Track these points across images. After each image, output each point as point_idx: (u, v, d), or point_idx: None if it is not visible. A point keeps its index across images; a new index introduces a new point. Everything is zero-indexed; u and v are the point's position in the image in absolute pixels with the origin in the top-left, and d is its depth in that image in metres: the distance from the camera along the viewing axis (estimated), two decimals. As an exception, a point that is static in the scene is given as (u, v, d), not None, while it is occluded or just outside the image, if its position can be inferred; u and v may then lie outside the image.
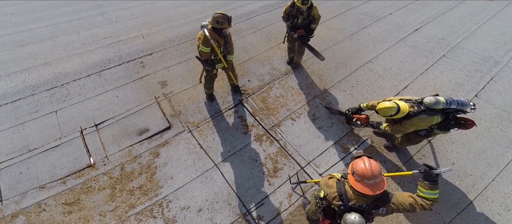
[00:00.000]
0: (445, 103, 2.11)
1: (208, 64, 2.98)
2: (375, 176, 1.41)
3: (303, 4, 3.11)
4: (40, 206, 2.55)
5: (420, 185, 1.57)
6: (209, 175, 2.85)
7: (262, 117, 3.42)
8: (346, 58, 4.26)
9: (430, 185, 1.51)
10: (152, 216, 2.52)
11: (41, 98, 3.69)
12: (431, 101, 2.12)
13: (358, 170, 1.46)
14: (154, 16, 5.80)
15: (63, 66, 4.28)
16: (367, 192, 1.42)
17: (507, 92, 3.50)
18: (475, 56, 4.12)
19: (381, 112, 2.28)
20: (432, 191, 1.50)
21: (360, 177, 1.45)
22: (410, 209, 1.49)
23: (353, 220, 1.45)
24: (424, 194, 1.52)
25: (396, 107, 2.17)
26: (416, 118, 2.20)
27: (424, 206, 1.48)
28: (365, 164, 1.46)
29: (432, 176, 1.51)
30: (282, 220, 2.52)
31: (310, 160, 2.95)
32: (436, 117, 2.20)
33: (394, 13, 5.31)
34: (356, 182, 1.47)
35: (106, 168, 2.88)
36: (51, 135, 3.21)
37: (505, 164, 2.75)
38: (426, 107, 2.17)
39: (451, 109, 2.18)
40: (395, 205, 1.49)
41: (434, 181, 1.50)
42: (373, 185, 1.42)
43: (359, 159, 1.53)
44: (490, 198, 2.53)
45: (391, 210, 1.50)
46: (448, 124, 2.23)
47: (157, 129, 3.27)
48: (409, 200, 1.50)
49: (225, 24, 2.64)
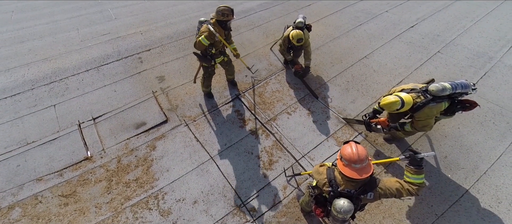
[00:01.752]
0: (451, 89, 2.04)
1: (206, 60, 3.00)
2: (361, 160, 1.45)
3: (298, 43, 3.33)
4: (36, 198, 2.58)
5: (406, 170, 1.60)
6: (205, 167, 2.88)
7: (258, 111, 3.46)
8: (342, 54, 4.30)
9: (416, 170, 1.54)
10: (147, 208, 2.55)
11: (40, 93, 3.73)
12: (437, 89, 2.04)
13: (345, 155, 1.50)
14: (153, 13, 5.85)
15: (62, 61, 4.32)
16: (354, 176, 1.45)
17: (500, 87, 3.54)
18: (469, 52, 4.16)
19: (386, 108, 2.21)
20: (417, 175, 1.53)
21: (347, 161, 1.48)
22: (397, 194, 1.53)
23: (342, 205, 1.48)
24: (410, 179, 1.56)
25: (400, 101, 2.09)
26: (427, 108, 2.09)
27: (411, 191, 1.51)
28: (352, 149, 1.49)
29: (416, 161, 1.54)
30: (277, 212, 2.55)
31: (305, 153, 2.99)
32: (444, 103, 2.13)
33: (390, 11, 5.35)
34: (344, 167, 1.50)
35: (103, 160, 2.91)
36: (49, 128, 3.24)
37: (497, 157, 2.78)
38: (433, 96, 2.09)
39: (457, 94, 2.12)
40: (382, 190, 1.52)
41: (419, 165, 1.53)
42: (360, 169, 1.45)
43: (347, 144, 1.57)
44: (481, 190, 2.56)
45: (378, 195, 1.53)
46: (454, 108, 2.17)
47: (154, 122, 3.31)
48: (396, 185, 1.53)
49: (230, 15, 2.75)
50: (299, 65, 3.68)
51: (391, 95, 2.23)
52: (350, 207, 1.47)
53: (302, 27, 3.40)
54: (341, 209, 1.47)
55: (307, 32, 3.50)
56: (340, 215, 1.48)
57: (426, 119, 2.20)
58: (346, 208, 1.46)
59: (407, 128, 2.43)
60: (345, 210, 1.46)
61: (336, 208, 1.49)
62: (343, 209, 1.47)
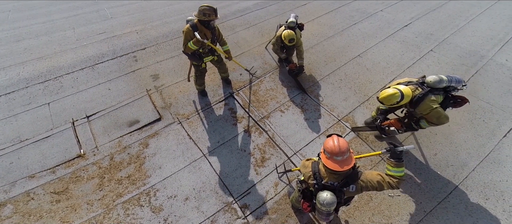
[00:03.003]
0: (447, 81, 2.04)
1: (195, 58, 2.99)
2: (342, 152, 1.47)
3: (290, 43, 3.33)
4: (28, 195, 2.60)
5: (387, 163, 1.63)
6: (197, 164, 2.90)
7: (252, 109, 3.48)
8: (336, 53, 4.33)
9: (396, 163, 1.57)
10: (139, 204, 2.57)
11: (35, 91, 3.74)
12: (435, 80, 2.03)
13: (327, 147, 1.53)
14: (149, 12, 5.87)
15: (57, 60, 4.34)
16: (336, 168, 1.48)
17: (491, 85, 3.57)
18: (462, 50, 4.20)
19: (386, 101, 2.16)
20: (398, 168, 1.56)
21: (329, 154, 1.51)
22: (378, 187, 1.55)
23: (324, 197, 1.51)
24: (391, 172, 1.58)
25: (399, 93, 2.06)
26: (428, 99, 2.07)
27: (391, 184, 1.53)
28: (333, 141, 1.52)
29: (396, 154, 1.57)
30: (268, 209, 2.57)
31: (297, 150, 3.01)
32: (440, 96, 2.12)
33: (385, 10, 5.38)
34: (327, 159, 1.53)
35: (95, 158, 2.93)
36: (43, 126, 3.26)
37: (486, 154, 2.81)
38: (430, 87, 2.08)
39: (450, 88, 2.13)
40: (363, 182, 1.55)
41: (398, 158, 1.56)
42: (342, 161, 1.48)
43: (329, 137, 1.60)
44: (470, 187, 2.58)
45: (360, 188, 1.56)
46: (448, 102, 2.16)
47: (147, 120, 3.33)
48: (377, 178, 1.56)
49: (212, 15, 2.65)
50: (293, 64, 3.72)
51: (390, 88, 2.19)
52: (333, 200, 1.50)
53: (294, 27, 3.42)
54: (324, 201, 1.50)
55: (299, 32, 3.52)
56: (323, 207, 1.51)
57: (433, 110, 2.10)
58: (329, 200, 1.49)
59: (424, 125, 2.32)
60: (328, 202, 1.49)
61: (320, 201, 1.52)
62: (326, 201, 1.49)
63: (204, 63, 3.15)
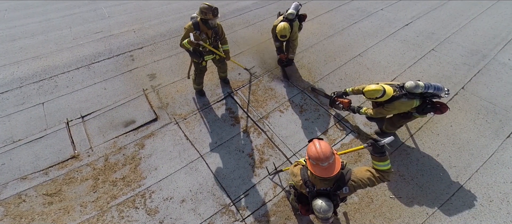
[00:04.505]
0: (424, 88, 2.25)
1: (196, 56, 2.95)
2: (327, 157, 1.40)
3: (281, 38, 3.29)
4: (20, 197, 2.53)
5: (372, 158, 1.60)
6: (194, 166, 2.83)
7: (250, 109, 3.42)
8: (336, 52, 4.27)
9: (379, 157, 1.53)
10: (134, 206, 2.50)
11: (29, 91, 3.67)
12: (411, 85, 2.26)
13: (311, 155, 1.45)
14: (146, 11, 5.80)
15: (52, 59, 4.27)
16: (324, 175, 1.42)
17: (493, 85, 3.51)
18: (464, 50, 4.14)
19: (368, 94, 2.38)
20: (383, 162, 1.53)
21: (315, 161, 1.43)
22: (369, 183, 1.53)
23: (320, 205, 1.48)
24: (377, 166, 1.56)
25: (382, 90, 2.29)
26: (398, 101, 2.33)
27: (382, 178, 1.53)
28: (316, 148, 1.44)
29: (378, 148, 1.53)
30: (266, 211, 2.50)
31: (296, 151, 2.94)
32: (415, 101, 2.32)
33: (385, 9, 5.33)
34: (313, 167, 1.46)
35: (90, 159, 2.86)
36: (37, 126, 3.19)
37: (489, 155, 2.75)
38: (407, 91, 2.30)
39: (428, 94, 2.32)
40: (355, 182, 1.52)
41: (381, 152, 1.53)
42: (328, 167, 1.41)
43: (311, 142, 1.52)
44: (473, 189, 2.52)
45: (353, 188, 1.53)
46: (425, 107, 2.36)
47: (143, 120, 3.26)
48: (367, 175, 1.54)
49: (209, 15, 2.61)
50: (284, 54, 3.62)
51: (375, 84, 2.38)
52: (329, 206, 1.47)
53: (293, 19, 3.26)
54: (320, 210, 1.47)
55: (297, 24, 3.34)
56: (320, 215, 1.49)
57: (392, 110, 2.42)
58: (325, 208, 1.47)
59: (362, 112, 2.72)
60: (324, 209, 1.47)
61: (316, 209, 1.50)
62: (322, 209, 1.47)
63: (205, 61, 3.09)
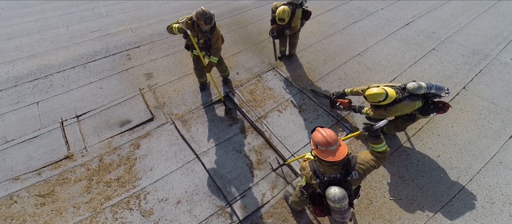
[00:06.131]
0: (426, 88, 2.19)
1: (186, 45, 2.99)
2: (334, 140, 1.49)
3: (279, 21, 3.19)
4: (11, 198, 2.47)
5: (369, 142, 1.69)
6: (190, 166, 2.78)
7: (248, 108, 3.37)
8: (335, 52, 4.22)
9: (375, 140, 1.62)
10: (128, 208, 2.45)
11: (23, 90, 3.62)
12: (414, 87, 2.20)
13: (319, 141, 1.51)
14: (144, 10, 5.75)
15: (48, 58, 4.22)
16: (333, 159, 1.47)
17: (495, 85, 3.46)
18: (465, 49, 4.09)
19: (370, 98, 2.32)
20: (379, 144, 1.62)
21: (324, 147, 1.49)
22: (376, 164, 1.58)
23: (334, 193, 1.44)
24: (375, 148, 1.64)
25: (384, 93, 2.22)
26: (400, 104, 2.27)
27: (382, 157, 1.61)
28: (322, 134, 1.52)
29: (373, 132, 1.62)
30: (264, 213, 2.45)
31: (295, 151, 2.89)
32: (417, 102, 2.27)
33: (385, 8, 5.28)
34: (322, 153, 1.51)
35: (84, 159, 2.81)
36: (30, 126, 3.13)
37: (491, 156, 2.70)
38: (409, 93, 2.24)
39: (430, 94, 2.26)
40: (363, 164, 1.55)
41: (377, 135, 1.62)
42: (336, 150, 1.49)
43: (314, 131, 1.60)
44: (474, 191, 2.47)
45: (363, 172, 1.54)
46: (428, 108, 2.31)
47: (139, 120, 3.21)
48: (370, 156, 1.61)
49: (200, 21, 2.53)
50: (276, 26, 3.40)
51: (377, 87, 2.31)
52: (343, 193, 1.43)
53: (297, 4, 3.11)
54: (335, 197, 1.42)
55: (299, 12, 3.16)
56: (337, 204, 1.44)
57: (394, 112, 2.36)
58: (339, 195, 1.42)
59: (363, 112, 2.67)
60: (339, 197, 1.42)
61: (331, 198, 1.45)
62: (337, 197, 1.42)
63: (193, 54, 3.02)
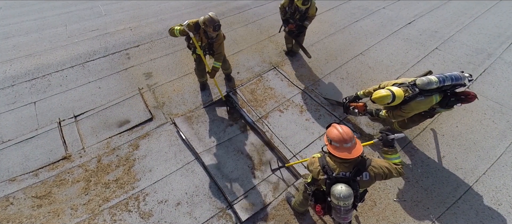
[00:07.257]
0: (438, 82, 2.04)
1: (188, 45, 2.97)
2: (350, 137, 1.46)
3: (304, 4, 3.02)
4: (7, 200, 2.42)
5: (383, 152, 1.65)
6: (190, 167, 2.73)
7: (249, 108, 3.31)
8: (337, 51, 4.17)
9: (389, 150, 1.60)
10: (127, 209, 2.40)
11: (21, 89, 3.57)
12: (423, 83, 2.06)
13: (334, 137, 1.49)
14: (144, 10, 5.70)
15: (46, 57, 4.16)
16: (347, 156, 1.44)
17: (500, 84, 3.41)
18: (468, 48, 4.04)
19: (377, 101, 2.21)
20: (393, 155, 1.60)
21: (338, 143, 1.47)
22: (388, 173, 1.53)
23: (340, 190, 1.39)
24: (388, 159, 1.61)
25: (391, 95, 2.09)
26: (414, 102, 2.13)
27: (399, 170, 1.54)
28: (338, 130, 1.50)
29: (388, 142, 1.59)
30: (265, 215, 2.40)
31: (297, 152, 2.84)
32: (434, 97, 2.11)
33: (387, 7, 5.23)
34: (335, 149, 1.48)
35: (82, 160, 2.76)
36: (27, 126, 3.08)
37: (497, 157, 2.65)
38: (421, 90, 2.09)
39: (447, 86, 2.09)
40: (376, 168, 1.50)
41: (391, 146, 1.59)
42: (351, 148, 1.45)
43: (330, 127, 1.58)
44: (481, 192, 2.42)
45: (374, 175, 1.50)
46: (449, 101, 2.14)
47: (138, 120, 3.15)
48: (385, 164, 1.54)
49: (209, 28, 2.58)
50: (292, 24, 3.38)
51: (383, 89, 2.21)
52: (349, 191, 1.39)
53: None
54: (340, 194, 1.38)
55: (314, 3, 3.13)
56: (340, 202, 1.39)
57: (410, 112, 2.23)
58: (345, 193, 1.37)
59: (382, 115, 2.52)
60: (344, 194, 1.37)
61: (335, 195, 1.40)
62: (342, 194, 1.37)
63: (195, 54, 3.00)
